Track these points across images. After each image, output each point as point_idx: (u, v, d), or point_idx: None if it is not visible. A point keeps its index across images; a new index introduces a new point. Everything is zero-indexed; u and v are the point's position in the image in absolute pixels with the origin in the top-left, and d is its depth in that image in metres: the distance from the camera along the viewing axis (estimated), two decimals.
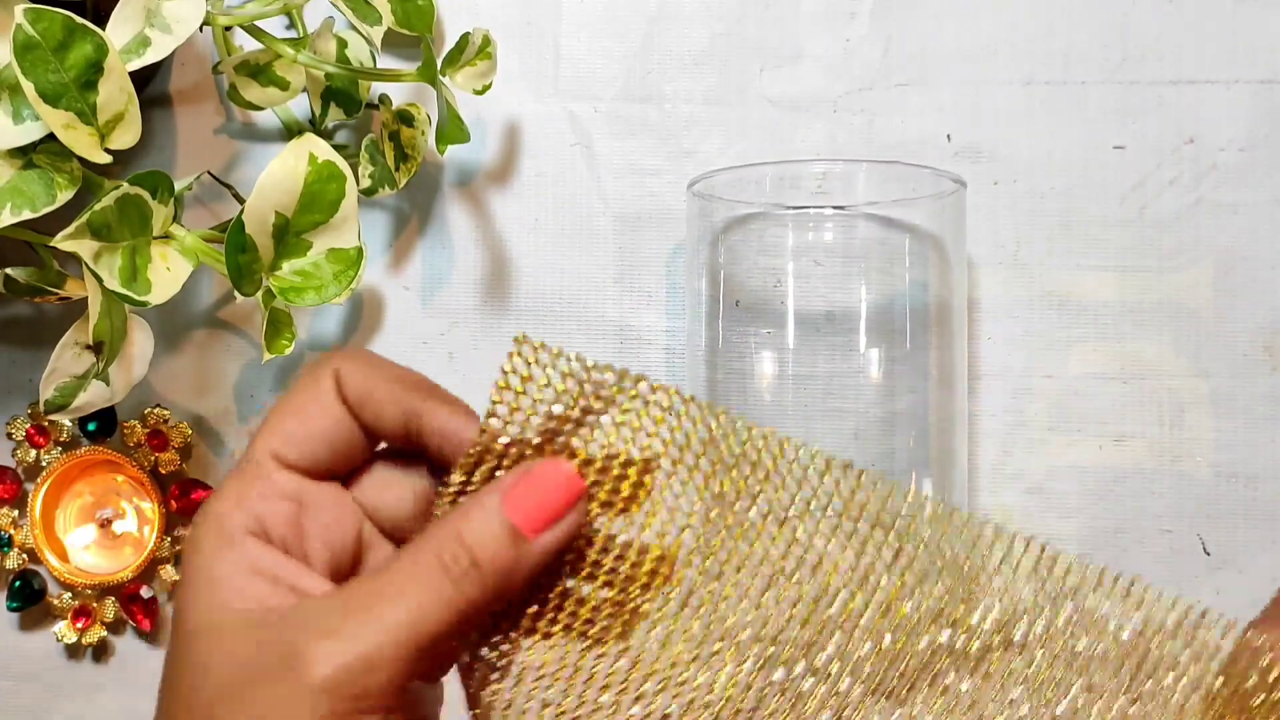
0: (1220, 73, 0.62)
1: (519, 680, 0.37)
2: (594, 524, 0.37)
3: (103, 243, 0.46)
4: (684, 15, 0.63)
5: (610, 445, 0.37)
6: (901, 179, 0.58)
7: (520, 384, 0.37)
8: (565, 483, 0.35)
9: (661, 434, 0.37)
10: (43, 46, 0.44)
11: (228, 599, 0.35)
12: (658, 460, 0.37)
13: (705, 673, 0.38)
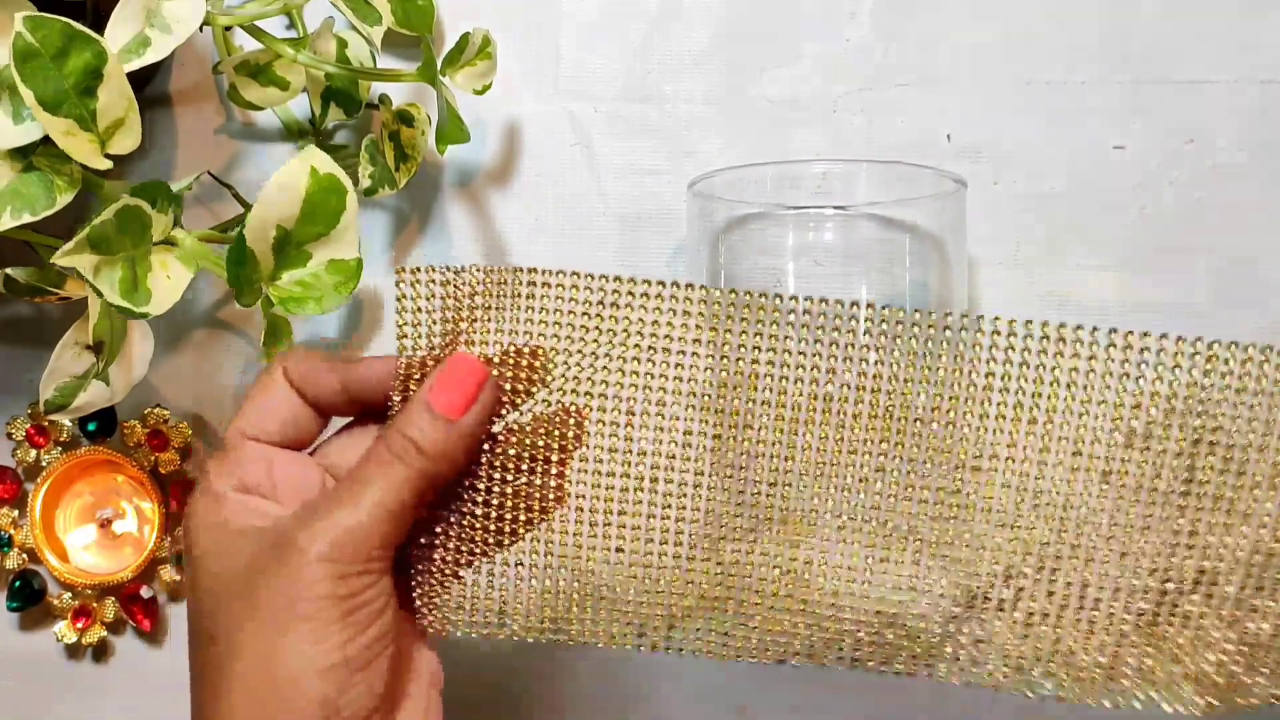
0: (1220, 73, 0.62)
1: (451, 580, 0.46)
2: (505, 415, 0.44)
3: (102, 256, 0.46)
4: (684, 15, 0.63)
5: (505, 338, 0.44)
6: (902, 179, 0.58)
7: (414, 307, 0.45)
8: (471, 370, 0.43)
9: (555, 315, 0.44)
10: (42, 54, 0.44)
11: (226, 528, 0.42)
12: (546, 350, 0.44)
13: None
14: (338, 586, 0.40)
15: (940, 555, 0.44)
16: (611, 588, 0.45)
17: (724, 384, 0.44)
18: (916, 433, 0.44)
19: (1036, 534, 0.44)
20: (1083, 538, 0.44)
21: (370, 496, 0.41)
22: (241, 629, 0.40)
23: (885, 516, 0.45)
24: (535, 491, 0.45)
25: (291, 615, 0.40)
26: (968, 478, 0.44)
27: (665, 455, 0.44)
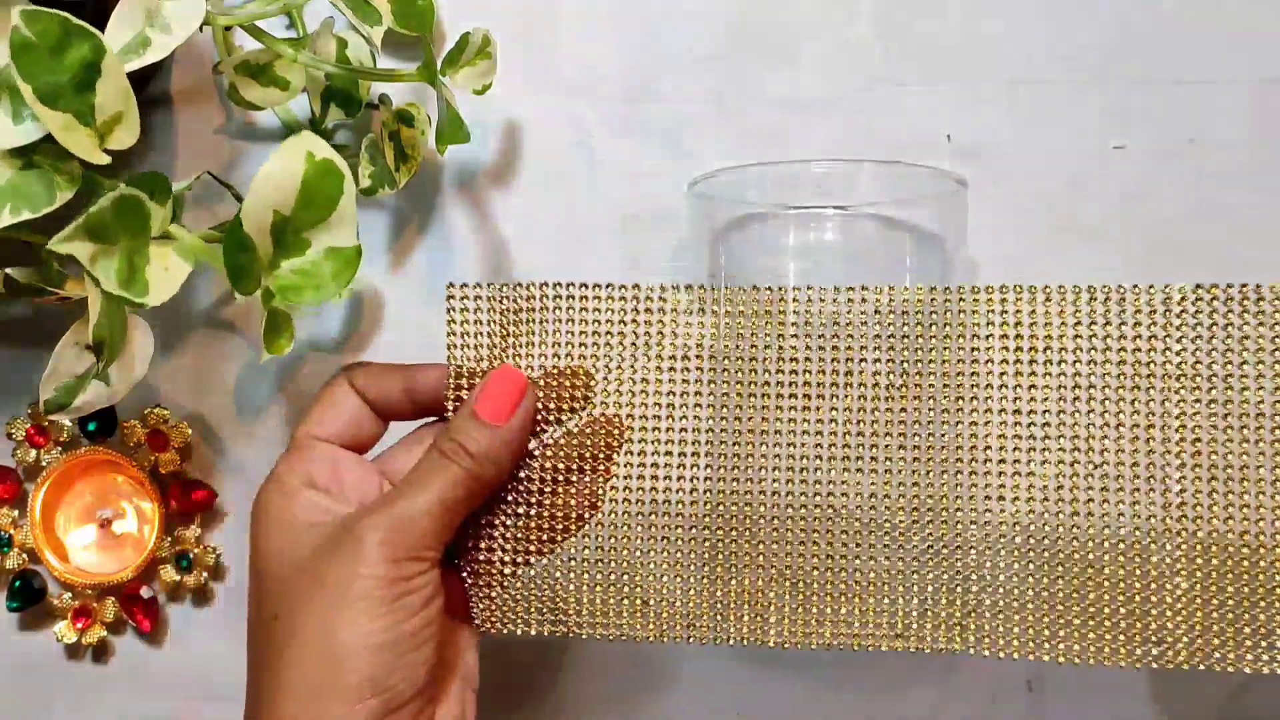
0: (1220, 73, 0.62)
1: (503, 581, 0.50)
2: (550, 428, 0.50)
3: (100, 245, 0.46)
4: (684, 15, 0.63)
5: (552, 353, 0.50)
6: (903, 179, 0.58)
7: (462, 320, 0.50)
8: (512, 380, 0.49)
9: (597, 329, 0.50)
10: (40, 48, 0.44)
11: (295, 521, 0.47)
12: (588, 370, 0.50)
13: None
14: (392, 570, 0.45)
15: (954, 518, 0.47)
16: (659, 579, 0.49)
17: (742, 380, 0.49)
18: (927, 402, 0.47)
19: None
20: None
21: (425, 494, 0.46)
22: (303, 609, 0.45)
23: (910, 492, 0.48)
24: (579, 495, 0.49)
25: (349, 594, 0.44)
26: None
27: (695, 451, 0.49)
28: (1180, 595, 0.46)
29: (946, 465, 0.47)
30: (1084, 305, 0.47)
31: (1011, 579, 0.46)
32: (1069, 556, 0.46)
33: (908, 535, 0.47)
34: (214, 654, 0.63)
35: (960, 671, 0.61)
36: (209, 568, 0.62)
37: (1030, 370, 0.47)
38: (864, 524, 0.47)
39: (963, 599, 0.47)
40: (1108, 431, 0.46)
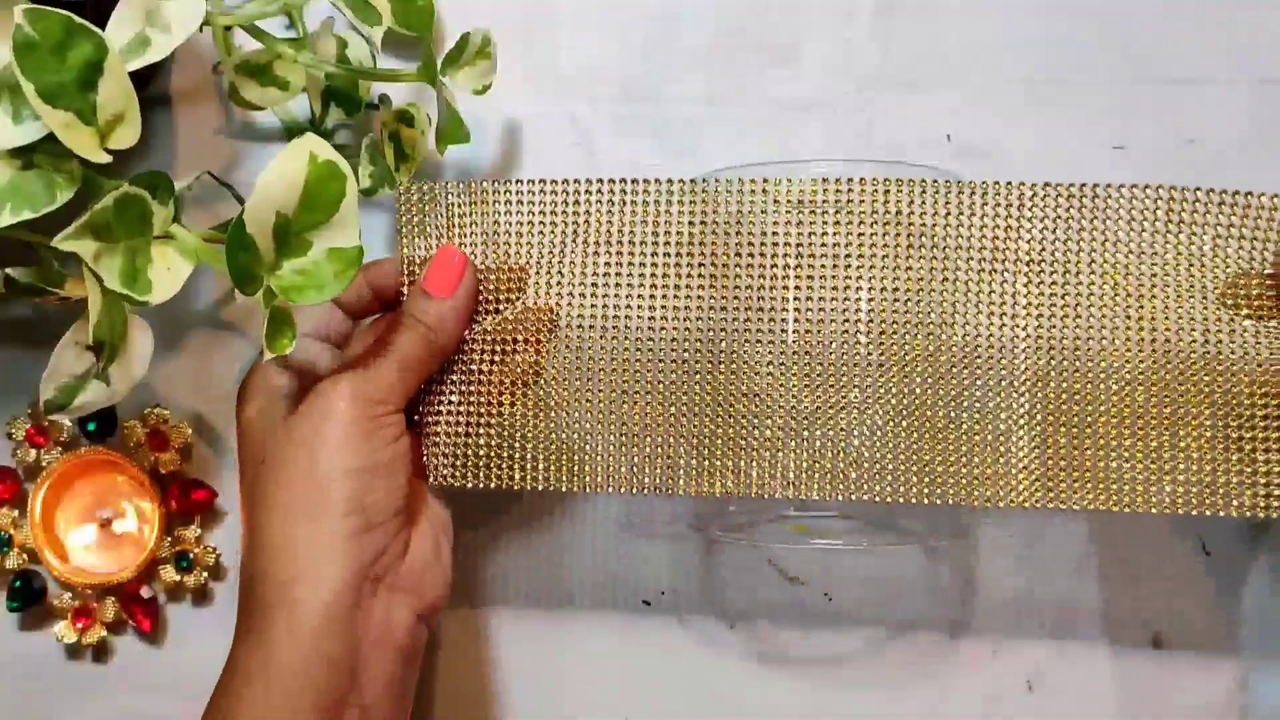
0: (1220, 73, 0.62)
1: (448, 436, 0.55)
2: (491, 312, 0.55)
3: (102, 243, 0.46)
4: (684, 15, 0.63)
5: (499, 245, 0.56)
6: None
7: (411, 218, 0.56)
8: (454, 258, 0.55)
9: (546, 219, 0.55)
10: (42, 47, 0.44)
11: (274, 388, 0.54)
12: (522, 266, 0.55)
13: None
14: (361, 410, 0.51)
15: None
16: (585, 440, 0.54)
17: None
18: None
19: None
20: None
21: (386, 356, 0.52)
22: (284, 448, 0.51)
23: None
24: (516, 369, 0.55)
25: (325, 432, 0.50)
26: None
27: (617, 328, 0.54)
28: (1022, 447, 0.52)
29: (833, 337, 0.52)
30: (954, 198, 0.52)
31: (885, 434, 0.52)
32: (932, 415, 0.52)
33: (799, 398, 0.52)
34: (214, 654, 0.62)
35: (960, 671, 0.61)
36: (209, 568, 0.62)
37: (907, 254, 0.52)
38: (761, 390, 0.53)
39: (844, 452, 0.52)
40: (969, 308, 0.52)
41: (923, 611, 0.62)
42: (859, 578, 0.62)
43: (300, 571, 0.50)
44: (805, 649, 0.62)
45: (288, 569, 0.50)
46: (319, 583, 0.49)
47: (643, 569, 0.62)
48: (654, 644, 0.62)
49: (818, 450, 0.52)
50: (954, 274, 0.52)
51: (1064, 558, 0.61)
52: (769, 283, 0.53)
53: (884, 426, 0.52)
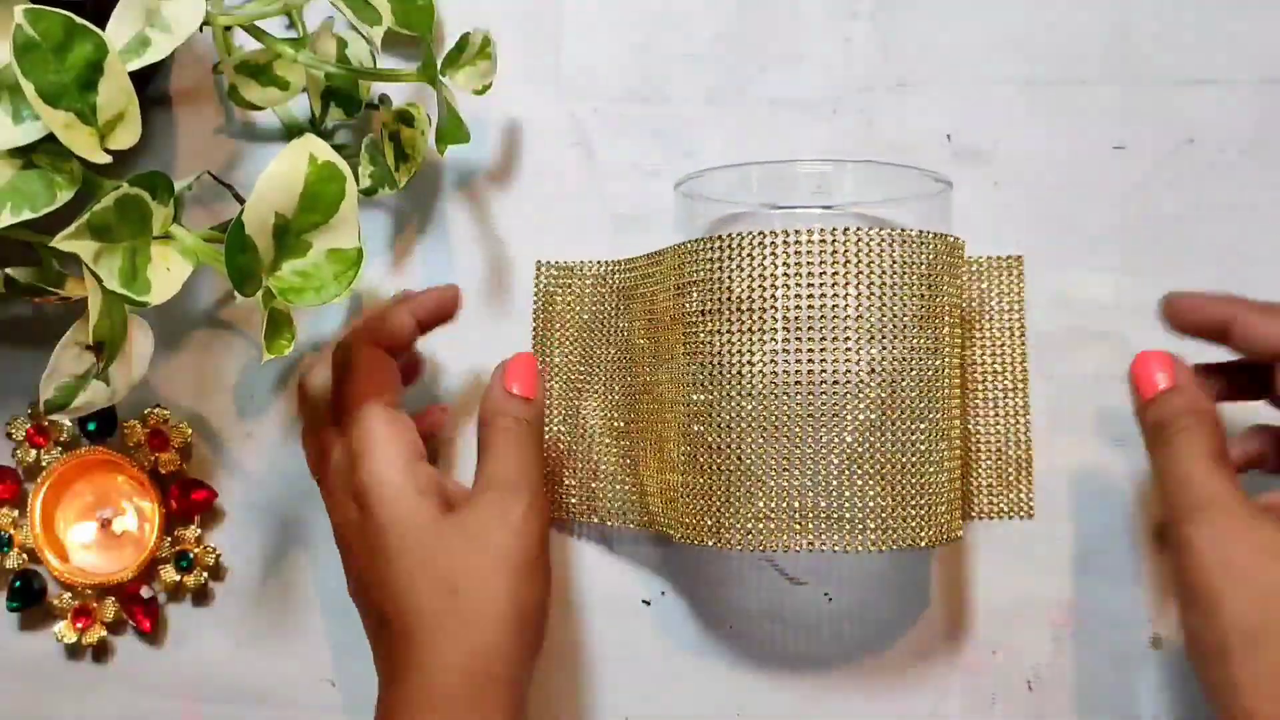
0: (1220, 73, 0.62)
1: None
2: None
3: (103, 243, 0.46)
4: (684, 15, 0.63)
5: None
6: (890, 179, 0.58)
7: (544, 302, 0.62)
8: (530, 363, 0.56)
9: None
10: (42, 47, 0.44)
11: (411, 489, 0.52)
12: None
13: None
14: (538, 542, 0.52)
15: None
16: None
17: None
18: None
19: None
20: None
21: (498, 467, 0.54)
22: (465, 574, 0.51)
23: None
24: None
25: (510, 565, 0.51)
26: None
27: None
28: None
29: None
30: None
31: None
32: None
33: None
34: (214, 654, 0.63)
35: (960, 671, 0.61)
36: (209, 568, 0.62)
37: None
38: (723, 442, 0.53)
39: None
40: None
41: (923, 611, 0.62)
42: (859, 578, 0.62)
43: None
44: (805, 649, 0.62)
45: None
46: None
47: (643, 569, 0.62)
48: (654, 644, 0.62)
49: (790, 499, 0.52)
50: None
51: (1064, 558, 0.61)
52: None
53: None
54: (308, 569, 0.63)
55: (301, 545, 0.63)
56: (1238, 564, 0.48)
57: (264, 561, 0.63)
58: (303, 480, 0.62)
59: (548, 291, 0.63)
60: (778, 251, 0.51)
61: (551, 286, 0.63)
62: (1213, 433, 0.51)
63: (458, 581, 0.50)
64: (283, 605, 0.63)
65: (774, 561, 0.62)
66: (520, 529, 0.52)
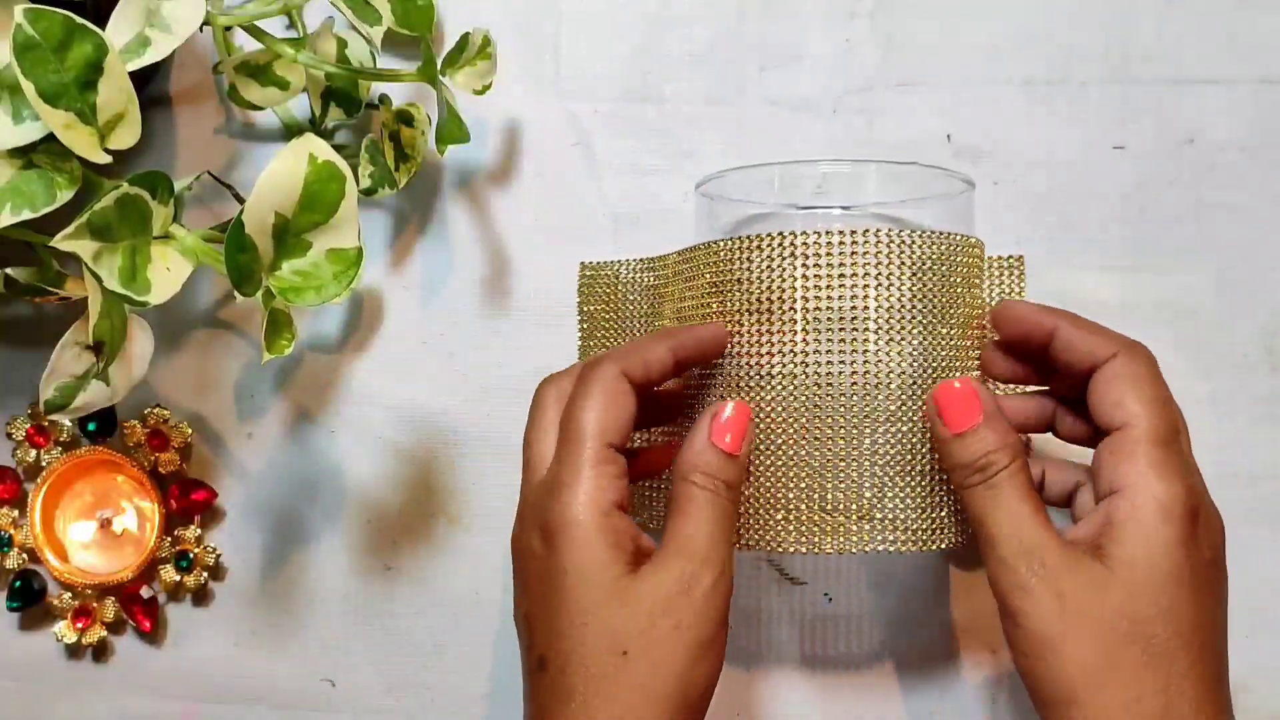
0: (1220, 73, 0.62)
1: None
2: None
3: (102, 243, 0.46)
4: (684, 15, 0.63)
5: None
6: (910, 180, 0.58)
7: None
8: (742, 413, 0.51)
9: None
10: (43, 46, 0.44)
11: (601, 542, 0.49)
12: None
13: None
14: (719, 623, 0.49)
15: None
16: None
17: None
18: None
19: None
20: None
21: (696, 534, 0.49)
22: (650, 647, 0.48)
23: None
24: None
25: (691, 642, 0.48)
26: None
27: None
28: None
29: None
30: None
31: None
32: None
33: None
34: (214, 654, 0.63)
35: (960, 671, 0.61)
36: (209, 568, 0.62)
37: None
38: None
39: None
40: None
41: (923, 611, 0.61)
42: (859, 578, 0.62)
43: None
44: (805, 649, 0.62)
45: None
46: None
47: None
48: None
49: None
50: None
51: None
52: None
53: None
54: (308, 569, 0.63)
55: (301, 545, 0.63)
56: (1073, 604, 0.46)
57: (264, 561, 0.63)
58: (303, 480, 0.63)
59: (587, 292, 0.63)
60: (798, 252, 0.51)
61: (591, 287, 0.62)
62: (1026, 467, 0.49)
63: (631, 647, 0.48)
64: (283, 605, 0.63)
65: (774, 561, 0.62)
66: (703, 605, 0.48)
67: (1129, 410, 0.49)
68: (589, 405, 0.50)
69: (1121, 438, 0.49)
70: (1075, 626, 0.46)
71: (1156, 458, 0.48)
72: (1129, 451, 0.49)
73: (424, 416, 0.63)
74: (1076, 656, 0.46)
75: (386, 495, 0.63)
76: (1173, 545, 0.47)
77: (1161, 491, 0.47)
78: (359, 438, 0.63)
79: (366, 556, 0.63)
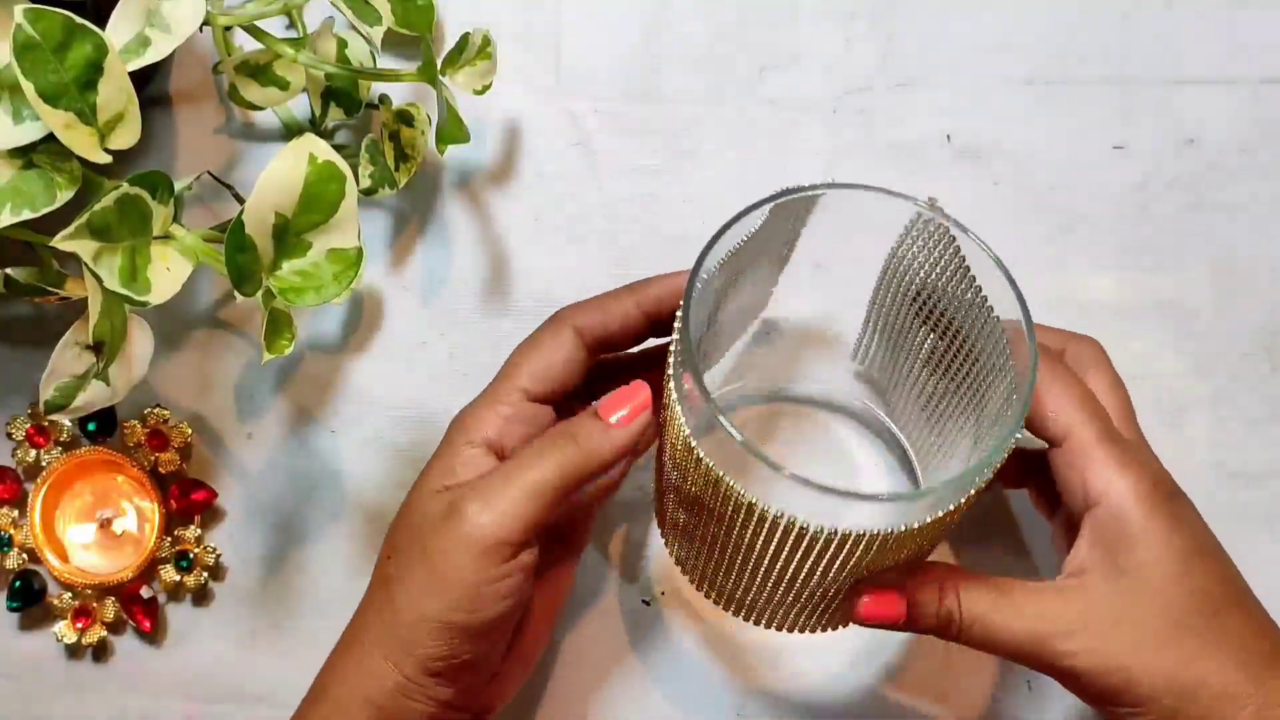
0: (1220, 73, 0.62)
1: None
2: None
3: (102, 243, 0.46)
4: (684, 15, 0.63)
5: None
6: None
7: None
8: (636, 395, 0.50)
9: None
10: (42, 47, 0.44)
11: (448, 476, 0.51)
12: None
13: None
14: (482, 564, 0.48)
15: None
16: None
17: None
18: None
19: None
20: None
21: (524, 479, 0.49)
22: (409, 565, 0.50)
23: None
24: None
25: (445, 573, 0.48)
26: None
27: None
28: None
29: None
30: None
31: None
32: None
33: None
34: (214, 654, 0.63)
35: (960, 671, 0.61)
36: (209, 568, 0.62)
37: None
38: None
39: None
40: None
41: None
42: None
43: (347, 692, 0.51)
44: (805, 649, 0.62)
45: (341, 678, 0.52)
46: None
47: (643, 569, 0.62)
48: (654, 644, 0.62)
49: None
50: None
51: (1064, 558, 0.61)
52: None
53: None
54: (308, 569, 0.63)
55: (301, 545, 0.63)
56: (1125, 636, 0.49)
57: (264, 561, 0.63)
58: (303, 480, 0.63)
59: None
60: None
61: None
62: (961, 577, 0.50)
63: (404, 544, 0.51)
64: (283, 605, 0.63)
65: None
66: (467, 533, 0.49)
67: (1068, 419, 0.49)
68: (520, 348, 0.53)
69: (1070, 448, 0.49)
70: (1140, 651, 0.47)
71: (1113, 456, 0.49)
72: (1083, 462, 0.49)
73: (424, 416, 0.63)
74: (1159, 668, 0.47)
75: (386, 495, 0.63)
76: (1170, 532, 0.48)
77: (1135, 489, 0.48)
78: (359, 438, 0.63)
79: (366, 556, 0.63)
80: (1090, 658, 0.48)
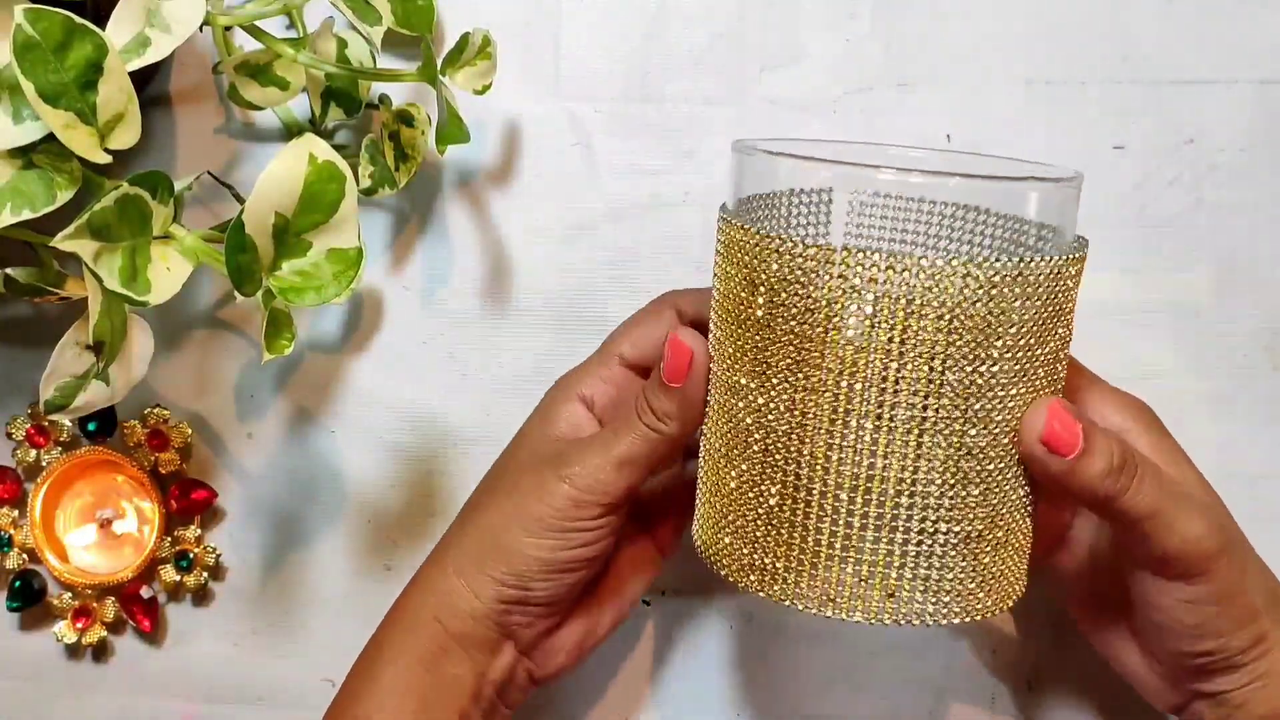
0: (1220, 73, 0.62)
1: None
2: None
3: (102, 243, 0.46)
4: (684, 15, 0.63)
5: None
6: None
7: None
8: (679, 348, 0.50)
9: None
10: (42, 47, 0.44)
11: (549, 426, 0.56)
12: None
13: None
14: (570, 509, 0.52)
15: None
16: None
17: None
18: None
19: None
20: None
21: (612, 449, 0.52)
22: (501, 494, 0.54)
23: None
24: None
25: (530, 509, 0.52)
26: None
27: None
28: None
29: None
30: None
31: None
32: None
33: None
34: (214, 654, 0.63)
35: (960, 671, 0.61)
36: (209, 568, 0.62)
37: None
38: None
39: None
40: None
41: None
42: None
43: (419, 608, 0.54)
44: (805, 649, 0.62)
45: (417, 595, 0.55)
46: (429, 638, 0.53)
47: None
48: (654, 644, 0.62)
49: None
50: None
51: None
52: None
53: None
54: (308, 569, 0.63)
55: (301, 545, 0.63)
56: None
57: (264, 561, 0.63)
58: (303, 480, 0.63)
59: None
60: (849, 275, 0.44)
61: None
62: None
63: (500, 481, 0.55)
64: (283, 605, 0.63)
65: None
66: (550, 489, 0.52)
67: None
68: (626, 321, 0.58)
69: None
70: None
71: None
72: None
73: (424, 416, 0.63)
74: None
75: (386, 495, 0.63)
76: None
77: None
78: (359, 438, 0.63)
79: (366, 556, 0.63)
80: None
